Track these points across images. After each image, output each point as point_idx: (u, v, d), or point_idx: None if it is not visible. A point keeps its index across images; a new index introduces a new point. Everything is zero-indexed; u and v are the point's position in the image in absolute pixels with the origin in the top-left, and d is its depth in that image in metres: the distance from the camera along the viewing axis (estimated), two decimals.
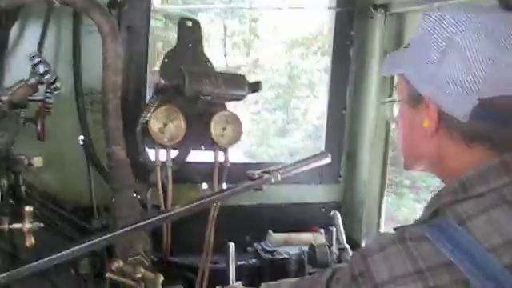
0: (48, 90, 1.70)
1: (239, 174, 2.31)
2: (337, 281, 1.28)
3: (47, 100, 1.73)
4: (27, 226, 1.59)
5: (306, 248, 2.35)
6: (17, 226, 1.58)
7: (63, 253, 1.65)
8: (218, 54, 10.49)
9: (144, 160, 2.22)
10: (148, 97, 2.34)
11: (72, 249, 1.66)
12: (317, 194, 2.82)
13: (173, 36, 2.36)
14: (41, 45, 2.14)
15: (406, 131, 1.35)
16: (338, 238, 2.35)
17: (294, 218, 2.73)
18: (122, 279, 1.95)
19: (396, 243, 1.15)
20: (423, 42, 1.24)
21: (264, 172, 1.92)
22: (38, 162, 1.75)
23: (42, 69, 1.52)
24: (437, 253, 1.09)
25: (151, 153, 2.22)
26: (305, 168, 1.98)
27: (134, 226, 1.76)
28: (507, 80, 1.14)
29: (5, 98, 1.46)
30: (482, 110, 1.15)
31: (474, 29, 1.15)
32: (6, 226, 1.57)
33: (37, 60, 1.53)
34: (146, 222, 1.80)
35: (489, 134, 1.18)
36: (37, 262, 1.63)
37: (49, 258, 1.63)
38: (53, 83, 1.54)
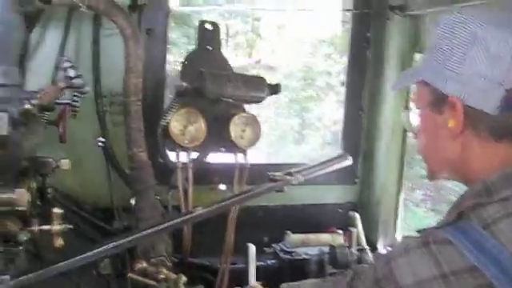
0: (76, 94, 1.72)
1: (259, 175, 2.34)
2: (359, 282, 1.29)
3: (74, 103, 1.75)
4: (56, 227, 1.61)
5: (325, 249, 2.35)
6: (46, 227, 1.60)
7: (88, 254, 1.68)
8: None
9: (165, 162, 2.23)
10: (166, 99, 2.37)
11: (97, 250, 1.68)
12: (334, 194, 2.84)
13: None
14: (62, 48, 2.16)
15: (428, 137, 1.35)
16: (357, 239, 2.35)
17: (311, 219, 2.74)
18: (145, 279, 1.97)
19: (420, 247, 1.16)
20: (442, 44, 1.25)
21: (286, 174, 1.94)
22: (65, 164, 1.77)
23: (72, 73, 1.54)
24: (461, 257, 1.09)
25: (171, 155, 2.24)
26: (326, 170, 1.99)
27: (157, 228, 1.78)
28: None
29: (34, 102, 1.48)
30: (509, 101, 1.16)
31: (494, 23, 1.18)
32: (35, 228, 1.59)
33: (67, 64, 1.55)
34: (169, 223, 1.82)
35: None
36: (63, 263, 1.65)
37: (74, 258, 1.66)
38: (82, 87, 1.56)
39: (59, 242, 1.62)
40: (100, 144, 2.30)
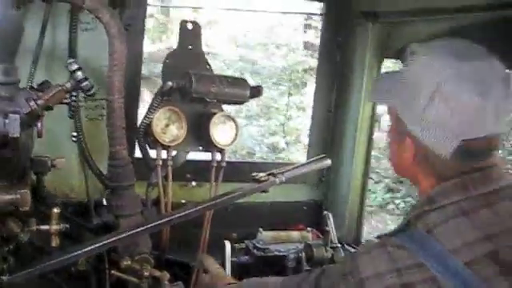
0: (84, 96, 1.72)
1: (236, 172, 2.39)
2: (326, 277, 1.50)
3: (73, 104, 1.74)
4: (54, 227, 1.61)
5: (300, 246, 2.42)
6: (44, 227, 1.60)
7: (78, 252, 1.69)
8: None
9: (145, 159, 2.24)
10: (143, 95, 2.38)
11: (86, 248, 1.70)
12: (301, 193, 2.92)
13: None
14: (40, 41, 2.13)
15: (392, 150, 1.55)
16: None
17: (279, 217, 2.81)
18: (128, 277, 1.99)
19: (379, 247, 1.37)
20: (414, 81, 1.38)
21: (269, 174, 2.00)
22: (60, 163, 1.76)
23: (80, 76, 1.54)
24: (410, 256, 1.30)
25: (152, 152, 2.25)
26: (306, 170, 2.06)
27: (143, 228, 1.82)
28: (483, 124, 1.32)
29: (40, 102, 1.47)
30: (462, 150, 1.33)
31: (460, 77, 1.31)
32: (34, 227, 1.58)
33: (74, 67, 1.55)
34: (155, 223, 1.86)
35: (460, 169, 1.37)
36: (53, 261, 1.66)
37: (64, 257, 1.67)
38: (89, 90, 1.56)
39: (56, 240, 1.62)
40: (74, 139, 2.29)
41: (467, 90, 1.29)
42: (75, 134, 2.28)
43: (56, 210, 1.62)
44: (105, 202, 2.35)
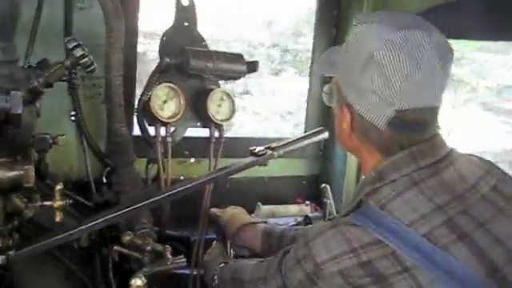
0: (75, 72, 1.73)
1: (234, 148, 2.41)
2: (284, 264, 1.48)
3: (74, 82, 1.75)
4: (58, 203, 1.63)
5: (294, 220, 2.46)
6: (48, 203, 1.62)
7: (81, 228, 1.71)
8: None
9: (144, 136, 2.26)
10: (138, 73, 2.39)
11: (86, 226, 1.71)
12: (298, 167, 2.94)
13: None
14: (37, 20, 2.13)
15: (336, 123, 1.54)
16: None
17: (277, 191, 2.85)
18: (130, 252, 2.02)
19: (332, 228, 1.34)
20: (352, 50, 1.40)
21: (267, 148, 2.02)
22: (61, 140, 1.78)
23: (79, 52, 1.55)
24: (366, 234, 1.28)
25: (150, 129, 2.27)
26: (304, 143, 2.09)
27: (144, 203, 1.83)
28: (418, 94, 1.32)
29: (41, 80, 1.48)
30: (397, 121, 1.34)
31: (395, 46, 1.30)
32: (38, 204, 1.61)
33: (73, 44, 1.56)
34: (156, 198, 1.86)
35: (399, 141, 1.37)
36: (59, 236, 1.68)
37: (69, 232, 1.69)
38: (89, 66, 1.57)
39: (61, 216, 1.65)
40: (72, 118, 2.31)
41: (401, 60, 1.29)
42: (73, 112, 2.30)
43: (59, 186, 1.65)
44: (104, 180, 2.39)
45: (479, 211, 1.32)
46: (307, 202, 2.70)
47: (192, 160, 2.66)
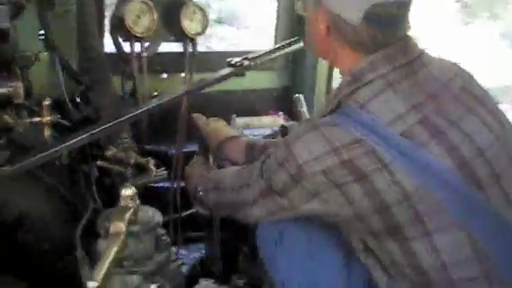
0: None
1: (209, 62, 2.43)
2: (266, 169, 1.51)
3: None
4: (46, 118, 1.64)
5: (271, 130, 2.51)
6: (36, 119, 1.63)
7: (65, 145, 1.72)
8: None
9: (119, 53, 2.26)
10: None
11: (72, 140, 1.73)
12: (269, 79, 2.98)
13: None
14: None
15: (308, 29, 1.56)
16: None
17: (249, 104, 2.89)
18: (113, 166, 2.06)
19: (312, 130, 1.37)
20: None
21: (244, 59, 2.05)
22: (43, 56, 1.77)
23: None
24: (347, 133, 1.32)
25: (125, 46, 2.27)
26: (280, 53, 2.12)
27: (124, 118, 1.85)
28: None
29: None
30: (371, 16, 1.36)
31: None
32: (27, 120, 1.62)
33: None
34: (136, 112, 1.89)
35: (374, 37, 1.39)
36: (36, 157, 1.68)
37: (58, 147, 1.71)
38: None
39: (49, 132, 1.66)
40: (41, 37, 2.27)
41: None
42: (42, 31, 2.26)
43: (47, 102, 1.65)
44: (78, 99, 2.38)
45: (451, 110, 1.38)
46: (280, 113, 2.76)
47: (164, 75, 2.66)
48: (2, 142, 1.60)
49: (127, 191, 1.69)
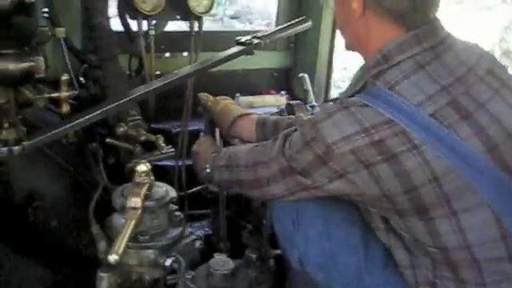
0: None
1: (215, 42, 2.44)
2: (290, 147, 1.51)
3: None
4: (64, 93, 1.65)
5: (278, 108, 2.53)
6: (54, 94, 1.63)
7: (81, 119, 1.73)
8: None
9: (126, 31, 2.26)
10: None
11: (89, 116, 1.74)
12: (271, 59, 3.00)
13: None
14: None
15: (340, 15, 1.57)
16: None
17: (251, 84, 2.91)
18: (122, 143, 2.07)
19: (341, 110, 1.37)
20: None
21: (253, 37, 2.06)
22: (60, 32, 1.77)
23: None
24: (377, 114, 1.32)
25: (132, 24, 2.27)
26: (288, 33, 2.14)
27: (132, 96, 1.86)
28: None
29: None
30: None
31: None
32: (46, 95, 1.62)
33: None
34: (145, 90, 1.90)
35: (413, 8, 1.40)
36: (63, 128, 1.70)
37: (72, 123, 1.72)
38: None
39: (67, 107, 1.67)
40: (45, 15, 2.26)
41: None
42: (46, 9, 2.25)
43: (65, 77, 1.66)
44: (82, 79, 2.38)
45: (478, 92, 1.39)
46: (282, 92, 2.79)
47: (167, 54, 2.67)
48: (21, 117, 1.60)
49: (143, 167, 1.71)
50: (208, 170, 1.88)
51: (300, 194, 1.53)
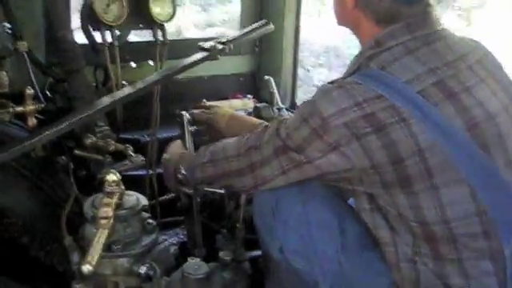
0: None
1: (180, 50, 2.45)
2: (286, 126, 1.58)
3: None
4: (29, 107, 1.64)
5: (245, 112, 2.55)
6: (19, 108, 1.63)
7: (49, 132, 1.73)
8: None
9: (90, 42, 2.26)
10: None
11: (56, 128, 1.74)
12: (236, 64, 3.03)
13: None
14: None
15: (335, 1, 1.67)
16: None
17: (217, 89, 2.93)
18: (91, 155, 2.07)
19: (337, 88, 1.47)
20: None
21: (217, 42, 2.09)
22: (23, 46, 1.76)
23: None
24: (369, 90, 1.43)
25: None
26: (252, 36, 2.17)
27: (101, 107, 1.86)
28: None
29: None
30: None
31: None
32: (10, 110, 1.61)
33: None
34: (113, 99, 1.91)
35: (397, 10, 1.52)
36: (29, 142, 1.69)
37: (39, 136, 1.71)
38: None
39: (32, 121, 1.66)
40: (8, 30, 2.24)
41: None
42: (7, 24, 2.23)
43: (29, 91, 1.66)
44: (48, 93, 2.36)
45: (465, 77, 1.49)
46: (249, 96, 2.82)
47: (133, 65, 2.67)
48: None
49: (112, 177, 1.71)
50: (183, 172, 1.90)
51: (291, 172, 1.59)
